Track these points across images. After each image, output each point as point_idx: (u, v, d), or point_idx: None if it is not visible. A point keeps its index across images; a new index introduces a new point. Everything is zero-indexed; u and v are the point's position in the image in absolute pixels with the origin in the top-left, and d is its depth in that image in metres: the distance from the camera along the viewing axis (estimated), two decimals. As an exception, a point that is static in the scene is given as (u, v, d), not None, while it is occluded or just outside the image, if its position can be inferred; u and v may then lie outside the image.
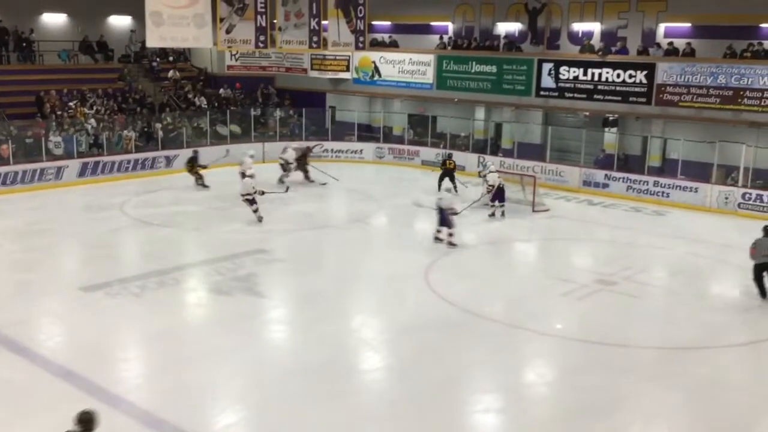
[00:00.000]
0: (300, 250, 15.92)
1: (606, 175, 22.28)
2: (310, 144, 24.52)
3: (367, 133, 27.69)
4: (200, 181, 21.63)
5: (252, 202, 17.64)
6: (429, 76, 26.29)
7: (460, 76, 25.53)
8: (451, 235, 15.98)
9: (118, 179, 22.52)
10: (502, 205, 18.91)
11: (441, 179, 21.14)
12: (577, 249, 17.05)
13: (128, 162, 23.16)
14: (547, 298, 13.20)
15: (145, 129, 24.46)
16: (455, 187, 20.55)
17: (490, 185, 19.00)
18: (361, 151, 26.84)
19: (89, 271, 14.29)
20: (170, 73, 28.29)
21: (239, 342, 10.97)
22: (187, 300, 13.13)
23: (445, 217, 15.91)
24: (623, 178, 21.94)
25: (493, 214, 18.83)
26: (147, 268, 14.31)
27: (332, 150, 26.88)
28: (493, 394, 9.81)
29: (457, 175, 21.35)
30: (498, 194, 18.81)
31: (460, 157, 24.28)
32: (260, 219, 17.57)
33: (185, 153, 24.19)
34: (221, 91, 28.46)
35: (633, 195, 21.56)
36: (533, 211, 19.57)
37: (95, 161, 22.42)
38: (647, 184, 21.48)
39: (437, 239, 16.14)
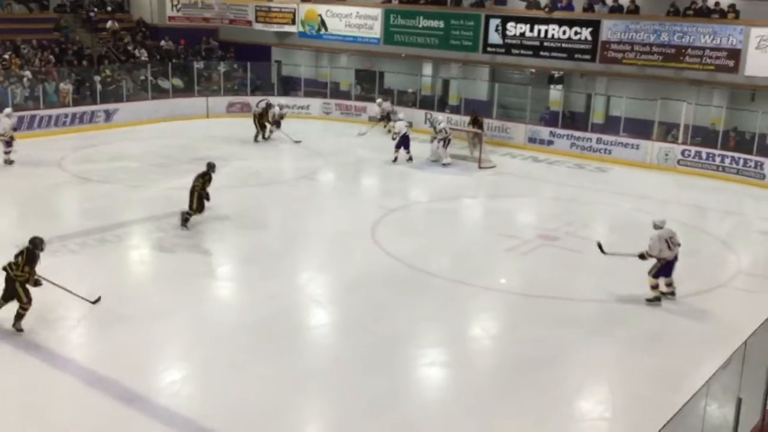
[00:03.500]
0: (246, 206, 15.71)
1: (551, 132, 22.51)
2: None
3: (314, 88, 27.32)
4: (264, 134, 22.18)
5: (8, 144, 17.92)
6: (376, 31, 25.98)
7: (408, 30, 25.30)
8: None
9: (55, 134, 21.76)
10: (408, 152, 19.74)
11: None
12: (522, 205, 17.26)
13: (65, 116, 22.38)
14: (491, 254, 13.37)
15: (83, 82, 23.62)
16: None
17: (395, 133, 19.81)
18: (308, 106, 26.48)
19: (25, 228, 13.75)
20: (108, 24, 27.26)
21: (183, 299, 10.83)
22: (130, 257, 12.88)
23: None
24: (567, 135, 22.21)
25: (395, 160, 19.62)
26: (87, 225, 13.95)
27: (278, 105, 26.43)
28: (439, 348, 9.93)
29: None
30: (403, 141, 19.64)
31: (406, 113, 24.21)
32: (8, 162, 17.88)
33: (125, 107, 23.62)
34: (162, 43, 27.61)
35: (577, 152, 21.84)
36: (479, 167, 19.70)
37: (31, 115, 21.61)
38: (590, 141, 21.78)
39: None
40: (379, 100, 24.27)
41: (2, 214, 15.18)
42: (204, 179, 13.75)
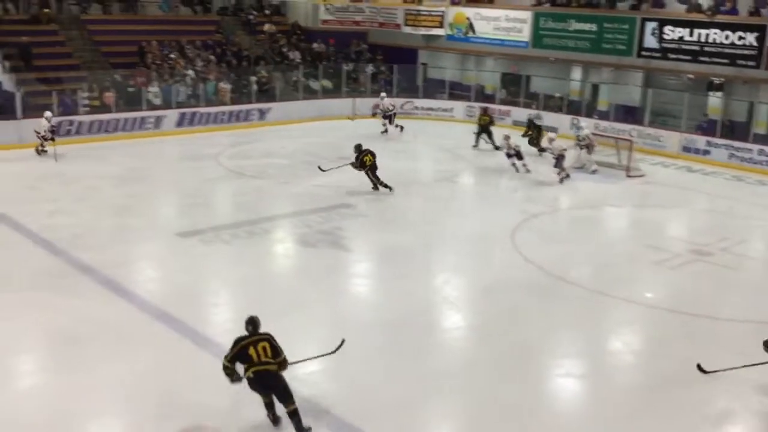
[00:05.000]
0: (385, 206, 16.00)
1: (708, 141, 21.28)
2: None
3: (459, 91, 27.35)
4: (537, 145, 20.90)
5: (46, 139, 18.55)
6: (525, 34, 25.64)
7: (558, 34, 24.80)
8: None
9: (213, 130, 23.11)
10: (559, 171, 18.11)
11: (479, 134, 21.66)
12: (673, 217, 16.47)
13: (223, 114, 23.72)
14: (637, 266, 12.85)
15: (240, 81, 24.89)
16: (493, 143, 21.21)
17: (562, 148, 18.11)
18: (451, 109, 26.58)
19: (185, 218, 14.85)
20: (266, 27, 28.60)
21: (323, 293, 11.19)
22: (275, 250, 13.46)
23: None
24: (726, 145, 20.91)
25: (563, 179, 18.10)
26: (238, 217, 14.75)
27: (422, 107, 26.74)
28: (576, 359, 9.67)
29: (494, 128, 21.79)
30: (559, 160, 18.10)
31: (552, 118, 23.75)
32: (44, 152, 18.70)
33: (277, 106, 24.68)
34: (314, 45, 28.61)
35: (736, 163, 20.54)
36: (627, 176, 18.98)
37: (192, 112, 23.08)
38: (751, 153, 20.41)
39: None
40: (383, 94, 24.10)
41: (166, 204, 16.33)
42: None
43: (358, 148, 16.76)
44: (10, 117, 19.77)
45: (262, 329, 7.65)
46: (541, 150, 19.94)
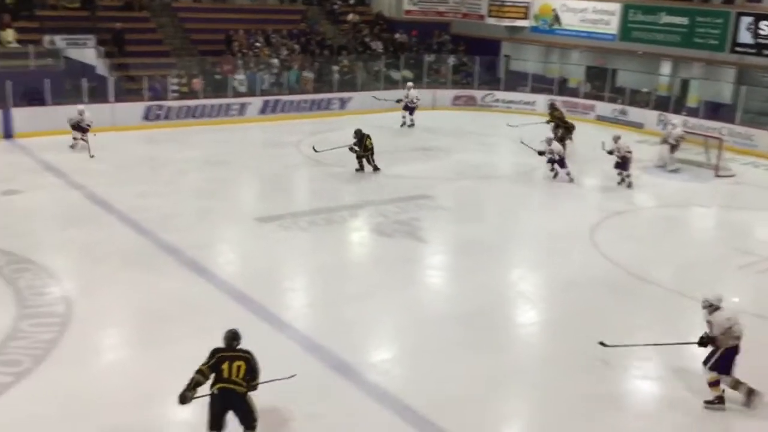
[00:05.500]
0: (463, 198, 15.94)
1: (803, 141, 20.37)
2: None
3: (541, 84, 26.91)
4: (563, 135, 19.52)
5: (81, 129, 17.98)
6: (613, 27, 25.05)
7: (648, 27, 24.15)
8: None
9: (295, 118, 23.46)
10: (628, 175, 17.07)
11: (556, 129, 20.56)
12: (762, 219, 15.80)
13: (305, 102, 24.07)
14: (722, 269, 12.40)
15: (323, 71, 25.17)
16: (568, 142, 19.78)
17: (627, 151, 16.95)
18: (533, 102, 26.18)
19: (265, 203, 15.18)
20: (350, 17, 28.82)
21: (398, 283, 11.25)
22: (352, 238, 13.60)
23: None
24: (823, 145, 19.96)
25: (622, 182, 17.14)
26: (316, 204, 14.96)
27: (503, 100, 26.45)
28: (653, 361, 9.40)
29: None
30: (624, 163, 16.99)
31: (638, 113, 23.12)
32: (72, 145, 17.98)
33: (358, 96, 24.84)
34: (397, 36, 28.65)
35: (833, 165, 19.57)
36: (716, 175, 18.33)
37: (276, 100, 23.50)
38: None
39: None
40: (409, 84, 23.52)
41: (246, 188, 16.73)
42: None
43: (358, 132, 16.97)
44: (103, 101, 20.57)
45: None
46: (562, 140, 18.92)
